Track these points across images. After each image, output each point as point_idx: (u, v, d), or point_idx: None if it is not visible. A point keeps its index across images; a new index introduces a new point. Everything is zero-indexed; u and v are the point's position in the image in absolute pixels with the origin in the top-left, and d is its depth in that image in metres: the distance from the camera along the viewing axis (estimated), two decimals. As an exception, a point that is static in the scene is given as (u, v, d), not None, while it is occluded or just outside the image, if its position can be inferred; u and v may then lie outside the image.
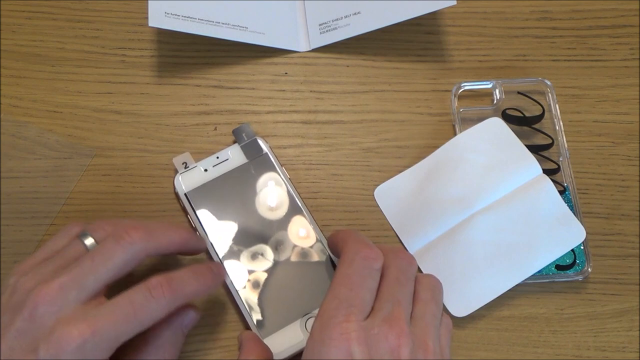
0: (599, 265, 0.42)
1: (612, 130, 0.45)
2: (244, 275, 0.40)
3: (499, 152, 0.42)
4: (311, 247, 0.40)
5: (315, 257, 0.40)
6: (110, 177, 0.43)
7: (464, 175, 0.42)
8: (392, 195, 0.43)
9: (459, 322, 0.40)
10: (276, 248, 0.40)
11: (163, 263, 0.40)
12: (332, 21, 0.46)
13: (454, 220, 0.41)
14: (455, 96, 0.44)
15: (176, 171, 0.42)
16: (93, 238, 0.33)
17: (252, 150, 0.42)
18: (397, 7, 0.44)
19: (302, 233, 0.41)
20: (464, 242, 0.40)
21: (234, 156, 0.42)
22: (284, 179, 0.42)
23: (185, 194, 0.41)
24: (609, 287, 0.41)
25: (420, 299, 0.33)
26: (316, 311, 0.38)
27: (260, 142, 0.42)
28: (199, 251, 0.38)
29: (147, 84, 0.45)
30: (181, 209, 0.42)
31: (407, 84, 0.46)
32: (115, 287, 0.32)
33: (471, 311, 0.39)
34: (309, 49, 0.47)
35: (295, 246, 0.40)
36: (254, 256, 0.40)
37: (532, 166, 0.41)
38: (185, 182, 0.41)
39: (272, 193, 0.42)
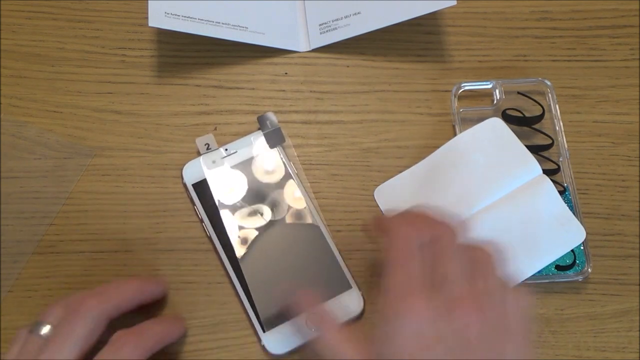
0: (599, 266, 0.42)
1: (612, 130, 0.45)
2: (247, 268, 0.40)
3: (498, 152, 0.42)
4: (318, 243, 0.41)
5: (321, 254, 0.40)
6: (110, 177, 0.43)
7: (463, 175, 0.42)
8: (392, 196, 0.43)
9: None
10: (284, 242, 0.40)
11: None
12: (332, 21, 0.46)
13: None
14: (455, 96, 0.44)
15: (198, 152, 0.42)
16: (49, 324, 0.34)
17: (274, 139, 0.43)
18: (397, 7, 0.44)
19: (311, 230, 0.41)
20: None
21: (256, 143, 0.42)
22: (300, 173, 0.42)
23: (204, 178, 0.41)
24: (609, 287, 0.41)
25: (476, 274, 0.32)
26: (319, 307, 0.39)
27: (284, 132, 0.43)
28: (160, 294, 0.39)
29: (147, 84, 0.45)
30: (189, 200, 0.42)
31: (407, 84, 0.46)
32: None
33: None
34: (309, 49, 0.47)
35: (302, 242, 0.41)
36: (261, 249, 0.40)
37: (532, 166, 0.41)
38: (205, 165, 0.42)
39: (288, 184, 0.42)
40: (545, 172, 0.42)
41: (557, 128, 0.44)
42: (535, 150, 0.42)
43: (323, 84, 0.46)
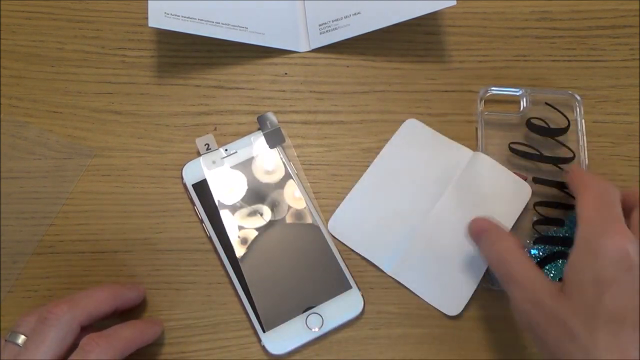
0: (598, 266, 0.41)
1: (612, 130, 0.45)
2: (247, 268, 0.40)
3: (427, 149, 0.43)
4: (318, 243, 0.41)
5: (321, 254, 0.40)
6: (110, 177, 0.43)
7: (407, 182, 0.42)
8: (347, 224, 0.42)
9: (457, 323, 0.40)
10: (284, 242, 0.41)
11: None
12: (332, 21, 0.46)
13: (415, 227, 0.41)
14: (481, 99, 0.44)
15: (198, 153, 0.42)
16: (22, 334, 0.34)
17: (274, 139, 0.43)
18: (397, 7, 0.44)
19: (311, 229, 0.41)
20: (434, 242, 0.40)
21: (256, 143, 0.42)
22: (300, 173, 0.42)
23: (204, 178, 0.41)
24: (609, 287, 0.41)
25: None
26: (319, 307, 0.39)
27: (284, 131, 0.43)
28: (137, 299, 0.39)
29: (147, 84, 0.45)
30: (189, 200, 0.42)
31: (407, 84, 0.46)
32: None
33: (463, 306, 0.40)
34: (308, 49, 0.47)
35: (302, 242, 0.41)
36: (261, 249, 0.40)
37: (462, 151, 0.42)
38: (205, 165, 0.42)
39: (288, 184, 0.42)
40: (561, 184, 0.41)
41: (581, 143, 0.43)
42: (554, 162, 0.42)
43: (323, 84, 0.46)
